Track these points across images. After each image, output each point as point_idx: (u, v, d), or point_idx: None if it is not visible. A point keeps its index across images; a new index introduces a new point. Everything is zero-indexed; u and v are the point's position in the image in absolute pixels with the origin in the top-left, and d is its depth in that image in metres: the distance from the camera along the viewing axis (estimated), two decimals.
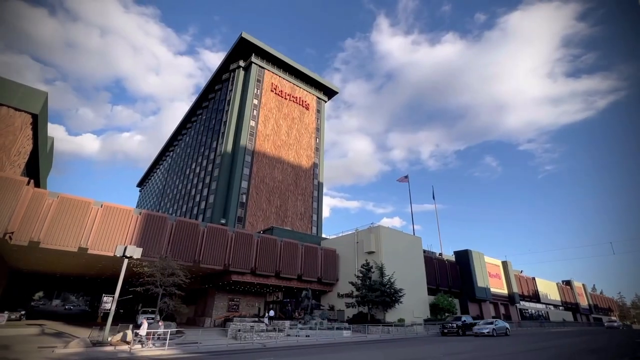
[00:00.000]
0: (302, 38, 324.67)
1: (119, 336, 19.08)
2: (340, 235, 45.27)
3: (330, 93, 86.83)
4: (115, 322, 22.11)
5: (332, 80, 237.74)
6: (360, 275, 35.75)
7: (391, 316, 35.09)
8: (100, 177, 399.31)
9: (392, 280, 35.18)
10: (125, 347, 17.96)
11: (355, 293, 35.56)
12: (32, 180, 23.15)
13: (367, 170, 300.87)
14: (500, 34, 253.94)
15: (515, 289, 60.89)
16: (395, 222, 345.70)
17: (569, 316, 76.73)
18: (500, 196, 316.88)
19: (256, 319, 31.32)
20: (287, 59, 76.02)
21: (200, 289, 38.86)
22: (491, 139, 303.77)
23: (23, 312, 38.01)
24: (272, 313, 34.89)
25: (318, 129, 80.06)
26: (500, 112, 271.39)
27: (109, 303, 20.52)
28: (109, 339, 18.92)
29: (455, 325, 32.81)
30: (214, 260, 30.75)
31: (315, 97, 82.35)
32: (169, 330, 20.02)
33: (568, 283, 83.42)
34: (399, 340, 26.94)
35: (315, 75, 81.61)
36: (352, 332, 30.26)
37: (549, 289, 73.68)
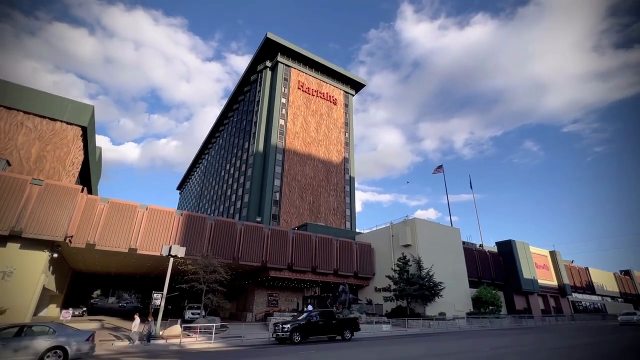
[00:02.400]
0: (325, 33, 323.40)
1: (170, 330, 20.27)
2: (375, 229, 44.86)
3: (357, 86, 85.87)
4: (164, 317, 23.53)
5: (357, 74, 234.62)
6: (397, 268, 35.25)
7: (431, 310, 34.31)
8: (142, 182, 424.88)
9: (430, 274, 34.36)
10: (176, 340, 19.05)
11: (393, 287, 35.15)
12: (85, 188, 25.13)
13: (398, 162, 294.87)
14: (536, 9, 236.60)
15: (566, 280, 57.16)
16: (430, 214, 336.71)
17: (630, 308, 70.81)
18: (543, 183, 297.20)
19: (295, 314, 31.91)
20: (312, 55, 76.11)
21: (241, 285, 40.27)
22: (530, 122, 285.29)
23: (85, 309, 41.78)
24: (310, 307, 35.40)
25: (347, 124, 79.56)
26: (539, 92, 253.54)
27: (158, 299, 21.87)
28: (161, 332, 20.17)
29: None
30: (251, 257, 31.71)
31: (342, 92, 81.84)
32: (215, 324, 20.96)
33: (627, 273, 76.96)
34: (441, 334, 26.31)
35: (341, 69, 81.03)
36: (392, 326, 29.97)
37: (604, 280, 68.45)
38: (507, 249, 50.71)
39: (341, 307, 32.90)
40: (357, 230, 63.94)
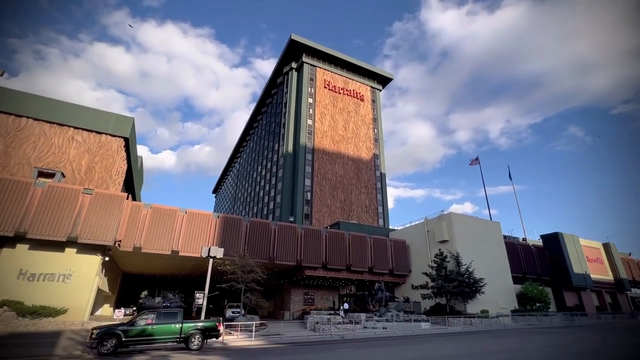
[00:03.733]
0: (348, 30, 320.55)
1: None
2: (409, 225, 43.94)
3: (383, 81, 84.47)
4: (206, 316, 24.55)
5: (383, 68, 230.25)
6: (434, 265, 34.30)
7: (473, 307, 33.05)
8: (179, 188, 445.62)
9: (470, 270, 33.09)
10: (219, 337, 19.81)
11: (431, 284, 34.26)
12: (129, 195, 26.82)
13: (430, 156, 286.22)
14: None
15: (624, 275, 52.72)
16: (466, 208, 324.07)
17: None
18: (591, 171, 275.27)
19: (332, 312, 32.08)
20: (337, 53, 75.89)
21: (277, 285, 41.08)
22: (574, 106, 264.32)
23: (135, 308, 44.66)
24: (346, 306, 35.41)
25: (375, 119, 78.55)
26: (583, 73, 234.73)
27: (200, 298, 22.88)
28: None
29: None
30: (286, 256, 32.25)
31: (369, 88, 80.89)
32: (254, 322, 21.55)
33: None
34: (484, 333, 25.27)
35: (367, 65, 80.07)
36: (431, 324, 29.24)
37: None
38: (553, 242, 47.63)
39: (378, 306, 32.60)
40: (391, 227, 62.96)
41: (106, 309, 40.09)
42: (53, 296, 22.56)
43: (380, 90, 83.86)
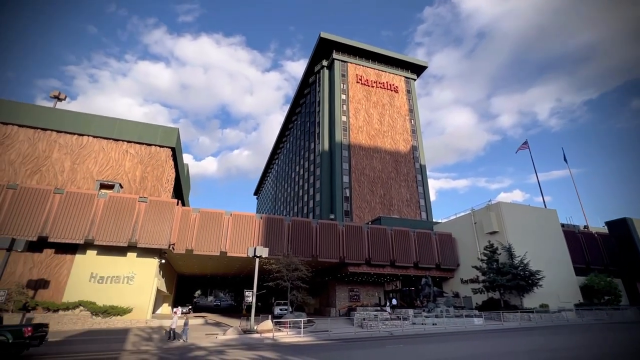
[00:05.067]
0: (376, 22, 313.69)
1: (263, 325, 21.87)
2: (454, 217, 42.20)
3: (417, 70, 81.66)
4: (255, 313, 25.47)
5: (416, 57, 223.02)
6: (485, 258, 32.63)
7: (530, 302, 31.00)
8: (222, 191, 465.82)
9: (524, 262, 31.04)
10: (270, 334, 20.49)
11: (482, 278, 32.65)
12: (179, 201, 28.59)
13: (472, 143, 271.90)
14: None
15: None
16: (516, 197, 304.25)
17: None
18: None
19: (378, 308, 31.75)
20: (367, 46, 74.69)
21: (322, 282, 41.52)
22: (636, 76, 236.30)
23: (190, 307, 47.58)
24: (394, 302, 34.89)
25: (411, 110, 76.26)
26: None
27: (250, 297, 23.77)
28: (255, 327, 21.89)
29: None
30: (329, 253, 32.46)
31: (402, 78, 78.69)
32: (302, 319, 21.98)
33: None
34: (545, 329, 23.60)
35: (399, 55, 77.91)
36: (485, 320, 27.85)
37: None
38: (621, 229, 43.08)
39: (426, 301, 31.73)
40: (434, 220, 60.87)
41: (165, 308, 43.11)
42: (119, 297, 24.75)
43: (415, 80, 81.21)
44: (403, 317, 26.39)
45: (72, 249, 25.43)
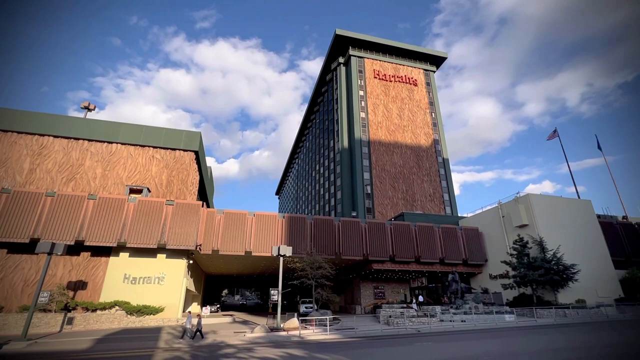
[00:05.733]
0: (392, 14, 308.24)
1: (289, 323, 22.12)
2: (480, 211, 40.93)
3: (436, 61, 79.66)
4: (281, 311, 25.80)
5: (434, 48, 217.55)
6: (514, 252, 31.51)
7: (565, 297, 29.63)
8: (244, 192, 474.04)
9: (558, 255, 29.70)
10: (296, 332, 20.70)
11: (512, 273, 31.56)
12: (204, 203, 29.35)
13: (496, 134, 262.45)
14: None
15: None
16: (545, 188, 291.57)
17: None
18: None
19: (404, 305, 31.36)
20: (383, 40, 73.62)
21: (346, 279, 41.46)
22: None
23: (218, 306, 48.87)
24: (421, 298, 34.37)
25: (431, 103, 74.57)
26: None
27: (275, 295, 24.12)
28: (282, 325, 22.17)
29: None
30: (352, 251, 32.36)
31: (421, 71, 77.03)
32: (328, 317, 22.04)
33: None
34: (583, 325, 22.52)
35: (416, 47, 76.29)
36: (516, 316, 26.91)
37: None
38: None
39: (453, 298, 31.02)
40: (459, 214, 59.34)
41: (195, 307, 44.43)
42: (151, 296, 25.75)
43: (434, 72, 79.31)
44: (430, 314, 25.93)
45: (107, 251, 26.69)
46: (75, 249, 25.71)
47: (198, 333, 18.77)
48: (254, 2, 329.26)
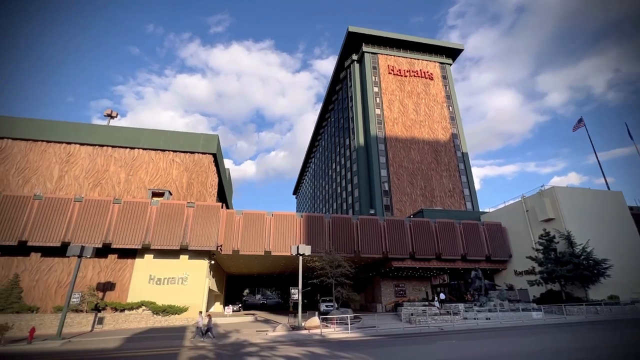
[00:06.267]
0: (404, 9, 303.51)
1: (310, 321, 22.23)
2: (502, 206, 39.80)
3: (452, 54, 77.81)
4: (302, 310, 25.93)
5: (449, 41, 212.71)
6: (540, 247, 30.47)
7: (596, 293, 28.41)
8: (262, 193, 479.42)
9: (587, 250, 28.49)
10: (317, 330, 20.77)
11: (538, 269, 30.52)
12: (223, 204, 29.88)
13: (517, 126, 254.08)
14: None
15: None
16: (571, 180, 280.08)
17: None
18: None
19: (426, 303, 30.91)
20: (397, 35, 72.58)
21: (366, 278, 41.25)
22: None
23: (240, 305, 49.67)
24: (442, 296, 33.77)
25: (448, 96, 72.97)
26: None
27: (296, 294, 24.29)
28: (303, 324, 22.30)
29: None
30: (371, 249, 32.15)
31: (437, 64, 75.47)
32: (348, 315, 21.99)
33: None
34: (615, 322, 21.49)
35: (431, 40, 74.81)
36: (544, 314, 25.99)
37: None
38: None
39: (477, 295, 30.30)
40: (481, 210, 57.86)
41: (217, 307, 45.35)
42: (175, 296, 26.47)
43: (450, 65, 77.51)
44: (453, 312, 25.42)
45: (132, 253, 27.62)
46: (103, 251, 26.74)
47: (208, 332, 19.08)
48: (266, 4, 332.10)
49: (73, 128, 32.16)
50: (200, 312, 20.57)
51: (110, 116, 39.01)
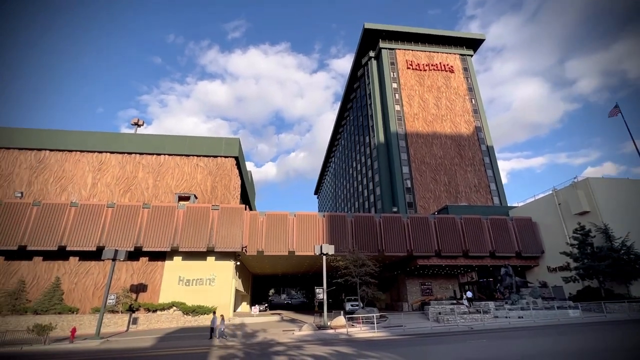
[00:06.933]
0: (420, 2, 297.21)
1: (336, 321, 22.23)
2: (532, 200, 38.19)
3: (473, 44, 75.44)
4: (327, 309, 25.96)
5: (469, 31, 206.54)
6: (575, 242, 29.00)
7: (639, 290, 26.70)
8: (283, 194, 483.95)
9: (627, 244, 26.85)
10: (343, 329, 20.74)
11: (573, 265, 29.09)
12: (247, 206, 30.41)
13: (545, 116, 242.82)
14: None
15: None
16: (607, 170, 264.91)
17: None
18: None
19: (454, 301, 30.15)
20: (414, 28, 71.25)
21: (391, 276, 40.75)
22: None
23: (266, 305, 50.43)
24: (469, 294, 32.80)
25: (470, 89, 70.84)
26: None
27: (321, 294, 24.37)
28: (329, 323, 22.33)
29: None
30: (395, 247, 31.73)
31: (457, 56, 73.44)
32: (374, 314, 21.82)
33: None
34: None
35: (450, 32, 72.85)
36: (582, 312, 24.73)
37: None
38: None
39: (508, 292, 29.25)
40: (509, 204, 55.79)
41: (244, 307, 46.23)
42: (204, 297, 27.20)
43: (471, 56, 75.13)
44: (483, 311, 24.69)
45: (162, 256, 28.64)
46: (135, 254, 27.87)
47: (221, 332, 19.37)
48: (281, 8, 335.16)
49: (104, 138, 33.74)
50: (214, 313, 21.06)
51: (137, 124, 40.63)
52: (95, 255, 27.14)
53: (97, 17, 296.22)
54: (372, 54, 73.16)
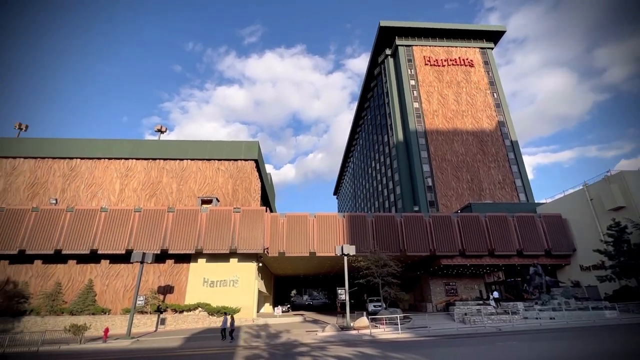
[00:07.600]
0: None
1: (359, 322, 22.11)
2: (561, 196, 36.56)
3: (493, 37, 73.16)
4: (350, 310, 25.84)
5: (489, 24, 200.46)
6: (610, 239, 27.52)
7: None
8: (302, 195, 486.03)
9: None
10: (367, 330, 20.59)
11: (609, 263, 27.63)
12: (267, 208, 30.78)
13: (573, 108, 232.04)
14: None
15: None
16: None
17: None
18: None
19: (480, 302, 29.33)
20: (431, 24, 69.90)
21: (414, 277, 40.10)
22: None
23: (289, 306, 50.80)
24: (496, 294, 31.84)
25: (492, 83, 68.74)
26: None
27: (343, 294, 24.29)
28: (352, 324, 22.23)
29: None
30: (417, 247, 31.20)
31: (477, 50, 71.47)
32: (398, 315, 21.53)
33: None
34: None
35: (469, 25, 71.06)
36: (619, 312, 23.44)
37: None
38: None
39: (537, 292, 28.12)
40: (536, 201, 53.68)
41: (267, 307, 46.75)
42: (228, 298, 27.71)
43: (492, 49, 72.94)
44: (512, 311, 23.86)
45: (187, 258, 29.44)
46: (161, 257, 28.78)
47: (231, 333, 19.55)
48: (295, 10, 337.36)
49: (129, 145, 35.09)
50: (225, 314, 21.33)
51: (160, 131, 41.96)
52: (125, 258, 28.23)
53: (116, 31, 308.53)
54: (388, 51, 72.38)
